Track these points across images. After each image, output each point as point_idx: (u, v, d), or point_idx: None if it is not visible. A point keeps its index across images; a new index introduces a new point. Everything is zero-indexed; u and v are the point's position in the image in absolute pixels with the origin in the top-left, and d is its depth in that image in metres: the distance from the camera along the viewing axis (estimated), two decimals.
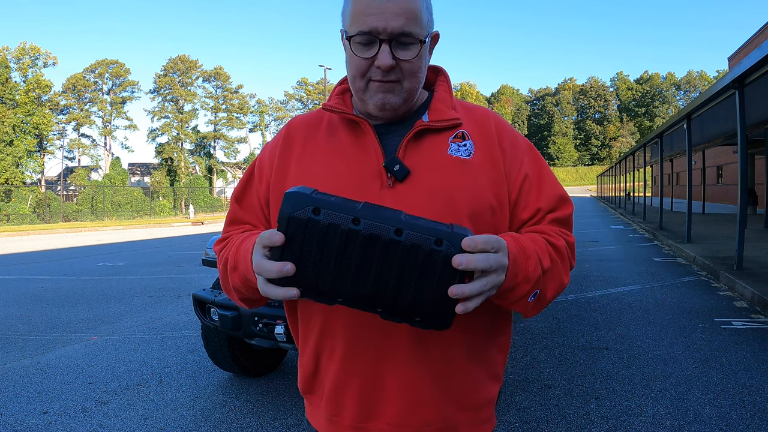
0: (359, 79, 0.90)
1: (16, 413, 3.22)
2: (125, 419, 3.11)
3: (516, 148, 0.97)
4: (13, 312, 6.14)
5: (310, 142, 0.98)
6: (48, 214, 32.09)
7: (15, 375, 3.92)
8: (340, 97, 1.00)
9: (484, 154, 0.93)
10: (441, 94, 0.99)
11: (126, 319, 5.69)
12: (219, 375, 3.84)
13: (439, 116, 0.94)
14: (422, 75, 0.92)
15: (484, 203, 0.90)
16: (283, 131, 1.03)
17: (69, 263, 10.91)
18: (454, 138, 0.94)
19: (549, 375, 3.68)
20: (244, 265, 0.84)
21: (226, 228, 1.04)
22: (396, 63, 0.87)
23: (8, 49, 37.65)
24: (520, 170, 0.95)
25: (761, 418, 2.91)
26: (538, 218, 0.95)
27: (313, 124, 1.00)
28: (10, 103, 36.48)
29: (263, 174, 1.00)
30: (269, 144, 1.04)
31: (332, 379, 0.93)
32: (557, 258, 0.90)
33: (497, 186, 0.93)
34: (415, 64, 0.89)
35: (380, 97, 0.89)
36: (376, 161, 0.91)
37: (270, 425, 3.01)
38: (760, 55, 6.24)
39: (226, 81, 52.77)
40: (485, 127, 0.97)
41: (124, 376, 3.86)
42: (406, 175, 0.89)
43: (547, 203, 0.95)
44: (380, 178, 0.90)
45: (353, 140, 0.94)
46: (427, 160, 0.91)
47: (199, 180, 46.17)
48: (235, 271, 0.88)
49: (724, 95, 8.50)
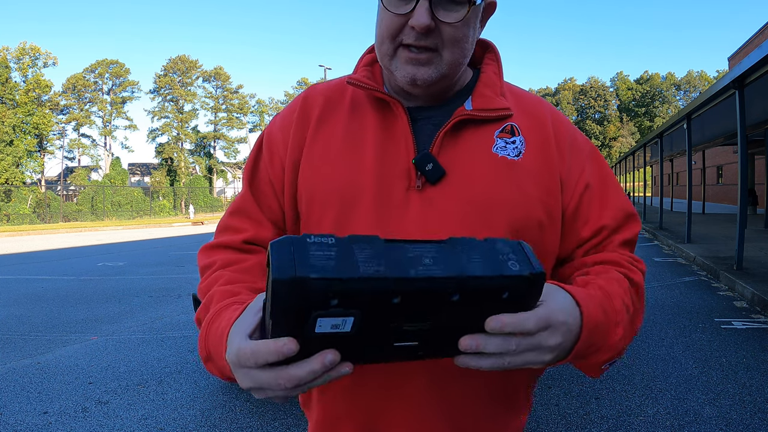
0: (387, 42, 0.72)
1: (16, 413, 3.22)
2: (125, 419, 3.11)
3: (577, 150, 0.80)
4: (13, 312, 6.14)
5: (328, 120, 0.80)
6: (48, 214, 32.08)
7: (15, 375, 3.92)
8: (369, 69, 0.81)
9: (536, 154, 0.76)
10: (489, 77, 0.80)
11: (126, 319, 5.69)
12: None
13: (486, 104, 0.76)
14: (469, 47, 0.74)
15: (531, 218, 0.73)
16: (299, 101, 0.84)
17: (69, 263, 10.91)
18: (501, 132, 0.76)
19: (549, 375, 3.68)
20: (218, 355, 0.61)
21: (227, 220, 0.85)
22: (435, 25, 0.69)
23: (8, 49, 37.66)
24: (581, 178, 0.78)
25: (761, 418, 2.91)
26: (601, 238, 0.78)
27: (333, 98, 0.82)
28: (10, 103, 36.48)
29: (275, 153, 0.82)
30: (281, 116, 0.85)
31: (330, 408, 0.79)
32: (639, 304, 0.72)
33: (550, 196, 0.75)
34: (460, 31, 0.70)
35: (410, 70, 0.72)
36: (406, 155, 0.74)
37: (270, 425, 3.01)
38: (760, 55, 6.24)
39: (226, 81, 52.78)
40: (540, 120, 0.79)
41: (124, 376, 3.86)
42: (440, 176, 0.73)
43: (612, 220, 0.78)
44: (408, 178, 0.74)
45: (380, 125, 0.77)
46: (466, 159, 0.74)
47: (199, 180, 46.17)
48: (208, 362, 0.65)
49: (724, 95, 8.50)
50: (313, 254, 0.45)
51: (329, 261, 0.45)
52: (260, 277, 0.77)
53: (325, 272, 0.44)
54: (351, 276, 0.44)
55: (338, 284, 0.44)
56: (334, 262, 0.45)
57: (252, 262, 0.79)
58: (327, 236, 0.48)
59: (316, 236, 0.47)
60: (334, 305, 0.45)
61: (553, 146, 0.77)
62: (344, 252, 0.46)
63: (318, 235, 0.48)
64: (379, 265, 0.46)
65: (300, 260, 0.44)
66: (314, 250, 0.46)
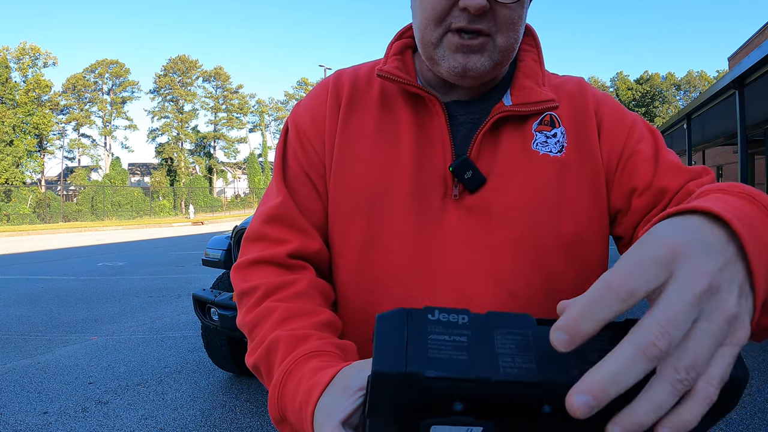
0: (432, 26, 0.63)
1: (16, 413, 3.22)
2: (125, 419, 3.11)
3: (617, 119, 0.69)
4: (13, 312, 6.14)
5: (356, 113, 0.71)
6: (48, 214, 32.09)
7: (15, 375, 3.92)
8: (400, 58, 0.71)
9: (578, 143, 0.67)
10: (529, 65, 0.71)
11: (126, 319, 5.69)
12: (219, 375, 3.84)
13: (527, 97, 0.67)
14: (521, 31, 0.66)
15: (583, 222, 0.65)
16: (330, 85, 0.74)
17: (69, 263, 10.91)
18: (539, 125, 0.67)
19: None
20: (299, 425, 0.52)
21: (261, 228, 0.70)
22: (490, 6, 0.60)
23: (8, 49, 37.67)
24: (627, 144, 0.67)
25: (761, 418, 2.91)
26: (666, 201, 0.63)
27: (361, 87, 0.73)
28: (10, 103, 36.48)
29: (309, 148, 0.72)
30: (309, 106, 0.75)
31: None
32: None
33: (595, 190, 0.66)
34: (516, 12, 0.62)
35: (460, 60, 0.63)
36: (442, 159, 0.66)
37: (270, 425, 3.01)
38: (760, 55, 6.24)
39: (226, 81, 52.77)
40: (580, 103, 0.69)
41: (124, 376, 3.86)
42: (480, 184, 0.65)
43: (673, 181, 0.63)
44: (444, 185, 0.66)
45: (414, 123, 0.68)
46: (506, 162, 0.66)
47: (199, 180, 46.17)
48: (283, 424, 0.56)
49: (724, 95, 8.51)
50: (436, 339, 0.33)
51: (458, 352, 0.32)
52: (320, 304, 0.66)
53: (449, 370, 0.31)
54: (487, 378, 0.31)
55: (467, 387, 0.31)
56: (466, 354, 0.32)
57: (304, 283, 0.66)
58: (459, 312, 0.35)
59: (443, 311, 0.35)
60: (458, 411, 0.32)
61: (594, 125, 0.68)
62: (481, 339, 0.33)
63: (445, 310, 0.35)
64: (529, 361, 0.32)
65: (415, 347, 0.32)
66: (438, 332, 0.33)
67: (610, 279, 0.29)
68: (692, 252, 0.30)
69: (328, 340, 0.59)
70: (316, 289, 0.67)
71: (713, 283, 0.30)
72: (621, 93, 56.11)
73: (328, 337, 0.59)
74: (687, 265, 0.30)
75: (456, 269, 0.65)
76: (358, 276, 0.69)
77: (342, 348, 0.59)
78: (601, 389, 0.27)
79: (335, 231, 0.70)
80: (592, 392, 0.27)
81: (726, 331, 0.30)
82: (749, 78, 7.01)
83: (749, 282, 0.33)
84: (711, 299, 0.30)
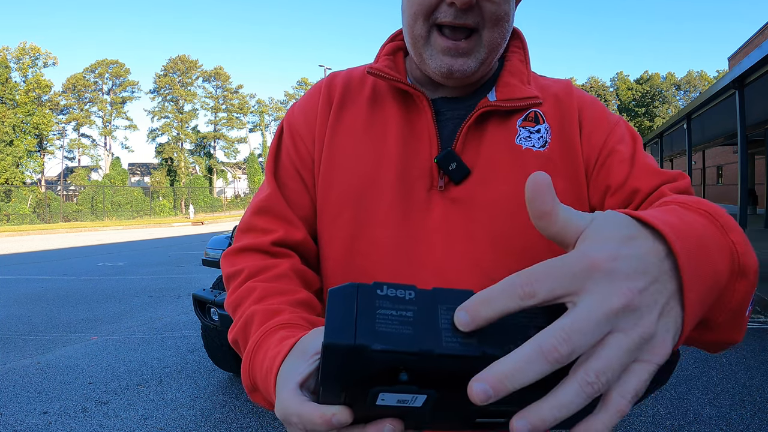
0: (421, 22, 0.65)
1: (16, 413, 3.22)
2: (125, 419, 3.11)
3: (599, 119, 0.71)
4: (13, 312, 6.14)
5: (347, 111, 0.74)
6: (48, 214, 32.09)
7: (15, 375, 3.92)
8: (391, 58, 0.75)
9: (561, 140, 0.70)
10: (515, 65, 0.74)
11: (126, 319, 5.69)
12: (219, 375, 3.84)
13: (511, 93, 0.70)
14: (509, 28, 0.68)
15: None
16: (323, 87, 0.77)
17: (69, 263, 10.91)
18: (524, 120, 0.70)
19: None
20: (266, 391, 0.54)
21: (251, 219, 0.74)
22: (476, 1, 0.63)
23: (8, 49, 37.67)
24: (606, 143, 0.69)
25: (761, 418, 2.91)
26: (638, 201, 0.65)
27: (353, 87, 0.77)
28: (10, 103, 36.49)
29: (300, 144, 0.75)
30: (302, 106, 0.78)
31: None
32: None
33: (577, 186, 0.68)
34: (502, 8, 0.65)
35: (447, 61, 0.66)
36: (428, 152, 0.69)
37: (270, 425, 3.01)
38: (760, 55, 6.24)
39: (226, 81, 52.77)
40: (565, 102, 0.72)
41: (124, 376, 3.86)
42: (464, 176, 0.68)
43: (646, 183, 0.64)
44: (429, 177, 0.69)
45: (402, 118, 0.72)
46: (490, 155, 0.69)
47: (199, 180, 46.17)
48: (255, 392, 0.58)
49: (724, 95, 8.52)
50: (383, 313, 0.34)
51: (404, 326, 0.33)
52: (298, 285, 0.69)
53: (395, 343, 0.32)
54: (430, 351, 0.32)
55: (411, 360, 0.33)
56: (411, 328, 0.33)
57: (285, 266, 0.69)
58: (406, 288, 0.35)
59: (391, 286, 0.35)
60: (404, 381, 0.34)
61: (576, 124, 0.70)
62: (426, 314, 0.34)
63: (393, 286, 0.35)
64: (469, 336, 0.33)
65: (364, 321, 0.33)
66: (386, 307, 0.34)
67: (518, 276, 0.31)
68: (617, 268, 0.31)
69: (300, 314, 0.61)
70: (297, 273, 0.70)
71: (632, 303, 0.30)
72: (621, 93, 56.16)
73: (300, 312, 0.61)
74: (606, 281, 0.30)
75: (439, 259, 0.67)
76: (344, 266, 0.71)
77: (313, 323, 0.60)
78: (500, 381, 0.29)
79: (324, 223, 0.73)
80: (491, 383, 0.29)
81: (642, 348, 0.30)
82: (749, 78, 7.01)
83: (679, 299, 0.32)
84: (628, 316, 0.30)
